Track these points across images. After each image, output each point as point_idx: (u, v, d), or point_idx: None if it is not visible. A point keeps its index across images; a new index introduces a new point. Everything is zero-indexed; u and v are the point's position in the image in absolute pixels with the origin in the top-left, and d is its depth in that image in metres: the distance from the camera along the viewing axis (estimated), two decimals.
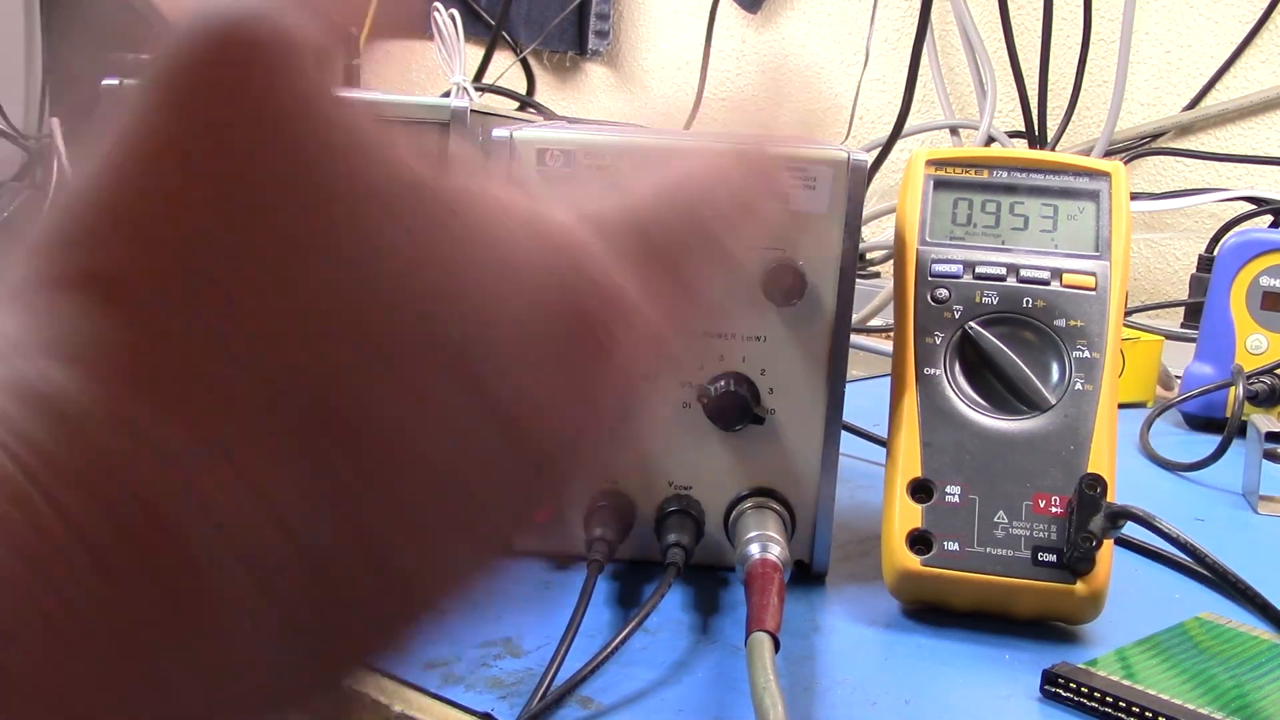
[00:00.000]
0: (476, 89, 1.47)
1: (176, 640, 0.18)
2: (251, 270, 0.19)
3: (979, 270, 0.51)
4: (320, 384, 0.19)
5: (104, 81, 0.52)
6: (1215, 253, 0.90)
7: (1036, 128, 1.38)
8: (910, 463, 0.49)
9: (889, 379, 0.51)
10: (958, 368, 0.50)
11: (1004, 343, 0.50)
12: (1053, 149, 1.36)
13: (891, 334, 0.53)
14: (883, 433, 0.53)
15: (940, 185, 0.53)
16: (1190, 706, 0.40)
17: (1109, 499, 0.46)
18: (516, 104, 1.63)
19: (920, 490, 0.48)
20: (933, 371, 0.50)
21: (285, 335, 0.19)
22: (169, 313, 0.19)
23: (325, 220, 0.20)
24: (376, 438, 0.19)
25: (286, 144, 0.20)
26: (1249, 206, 1.19)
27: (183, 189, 0.19)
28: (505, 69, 1.74)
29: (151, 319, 0.19)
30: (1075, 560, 0.46)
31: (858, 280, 0.52)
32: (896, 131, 1.23)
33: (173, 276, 0.19)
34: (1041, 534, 0.47)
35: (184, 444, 0.18)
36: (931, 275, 0.51)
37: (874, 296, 1.07)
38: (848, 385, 0.51)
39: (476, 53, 1.65)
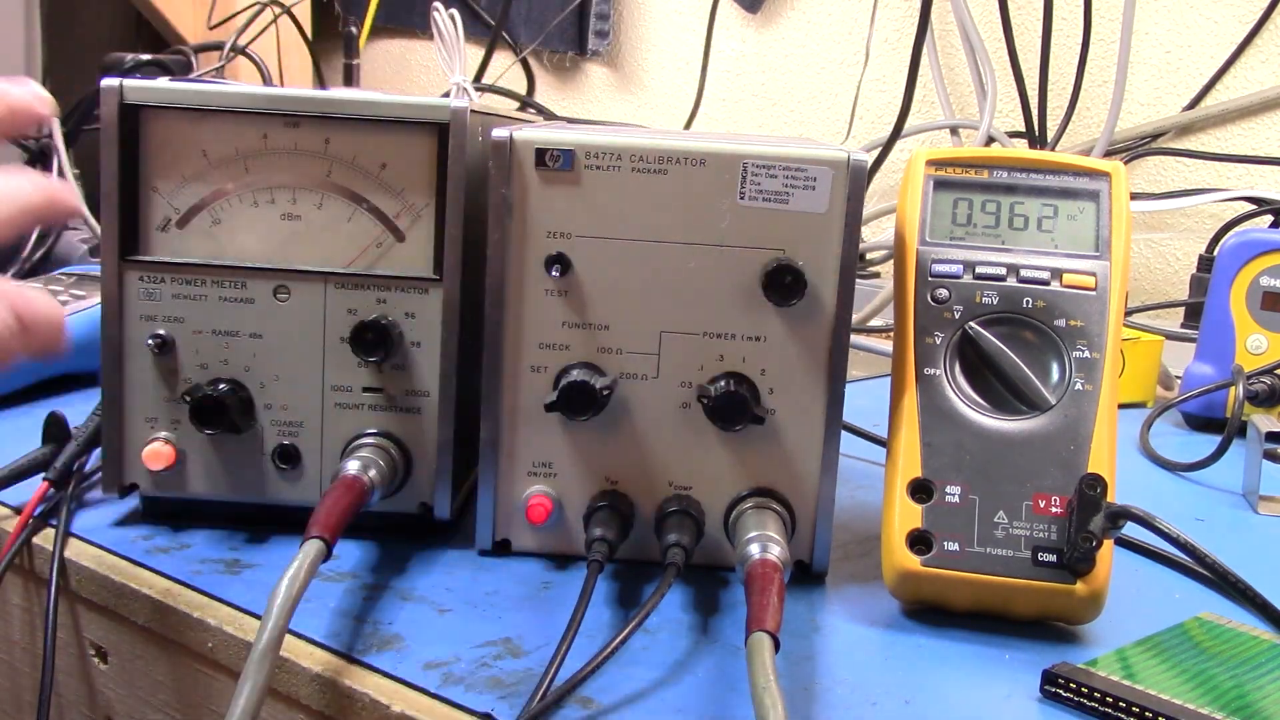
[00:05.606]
0: (476, 89, 1.47)
1: None
2: None
3: (979, 270, 0.51)
4: None
5: (104, 81, 0.52)
6: (1215, 253, 0.90)
7: (1036, 128, 1.38)
8: (910, 463, 0.49)
9: (889, 379, 0.51)
10: (958, 368, 0.50)
11: (1004, 343, 0.50)
12: (1053, 149, 1.36)
13: (891, 334, 0.53)
14: (883, 433, 0.53)
15: (940, 185, 0.53)
16: (1190, 706, 0.40)
17: (1109, 499, 0.46)
18: (516, 104, 1.63)
19: (920, 490, 0.48)
20: (933, 371, 0.50)
21: None
22: None
23: None
24: None
25: None
26: (1249, 206, 1.19)
27: None
28: (505, 69, 1.74)
29: None
30: (1075, 560, 0.46)
31: (858, 280, 0.52)
32: (896, 131, 1.23)
33: None
34: (1041, 534, 0.47)
35: None
36: (931, 275, 0.51)
37: (874, 296, 1.07)
38: (848, 385, 0.51)
39: (476, 53, 1.65)
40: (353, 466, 0.50)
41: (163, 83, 0.53)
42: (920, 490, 0.48)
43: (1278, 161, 1.29)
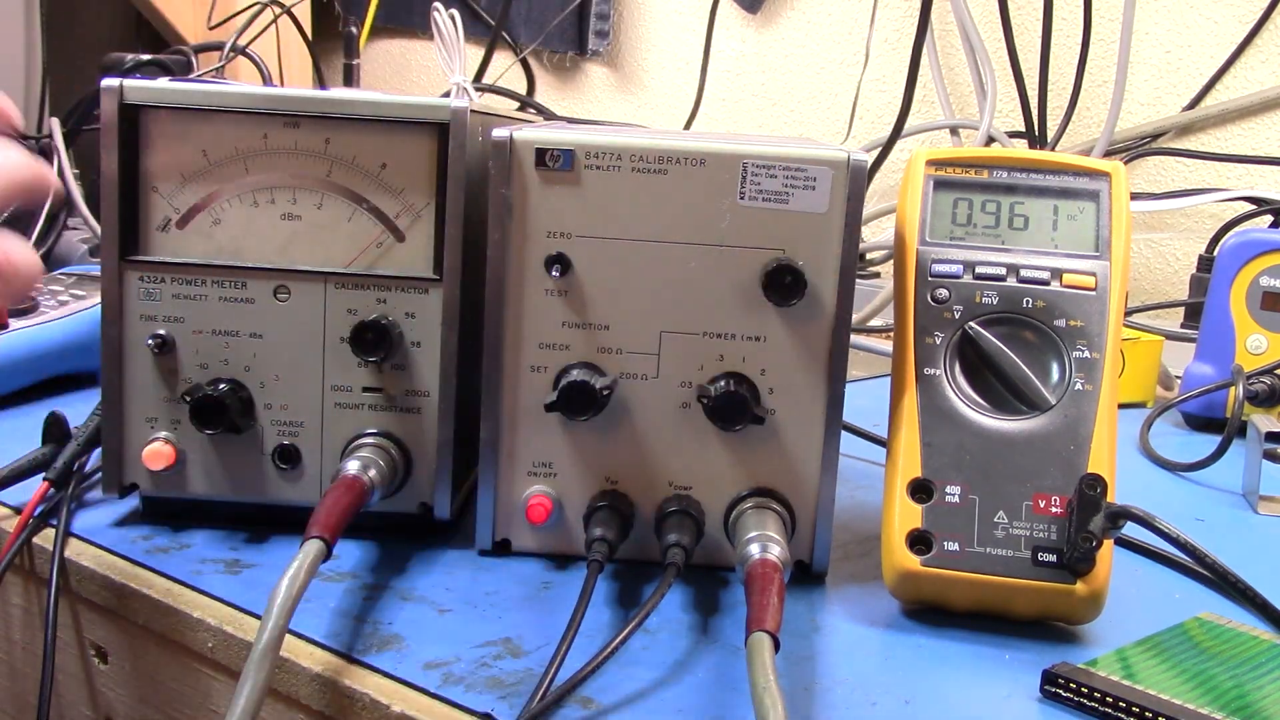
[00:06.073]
0: (476, 89, 1.47)
1: None
2: None
3: (979, 270, 0.51)
4: None
5: (104, 81, 0.52)
6: (1215, 253, 0.90)
7: (1036, 128, 1.38)
8: (910, 463, 0.49)
9: (889, 379, 0.51)
10: (958, 368, 0.50)
11: (1004, 343, 0.50)
12: (1053, 149, 1.36)
13: (891, 334, 0.53)
14: (883, 433, 0.53)
15: (940, 185, 0.53)
16: (1190, 706, 0.40)
17: (1109, 499, 0.46)
18: (516, 104, 1.63)
19: (920, 490, 0.48)
20: (933, 371, 0.50)
21: None
22: None
23: None
24: None
25: None
26: (1249, 206, 1.19)
27: None
28: (505, 69, 1.74)
29: None
30: (1075, 560, 0.46)
31: (858, 280, 0.52)
32: (896, 131, 1.23)
33: None
34: (1041, 534, 0.47)
35: None
36: (931, 275, 0.51)
37: (874, 296, 1.07)
38: (848, 385, 0.51)
39: (476, 53, 1.65)
40: (353, 466, 0.50)
41: (163, 83, 0.53)
42: (920, 490, 0.48)
43: (1278, 161, 1.29)
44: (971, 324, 0.50)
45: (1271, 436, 0.68)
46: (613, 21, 1.74)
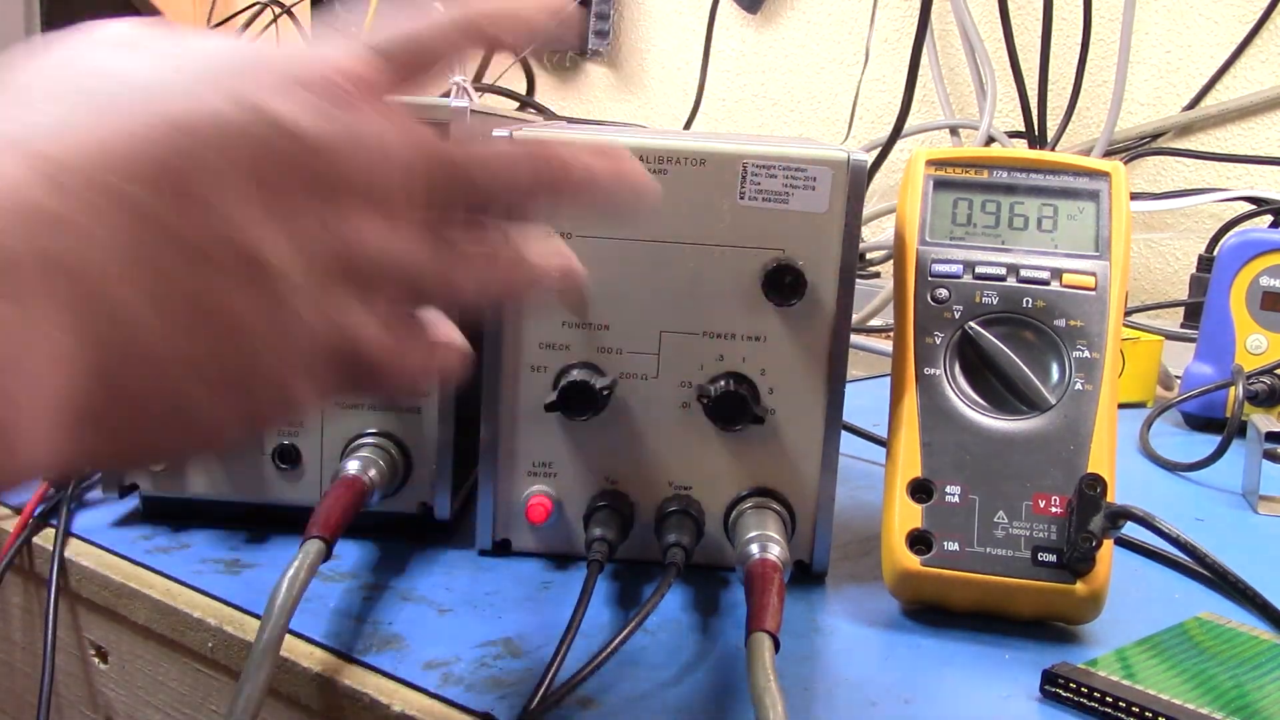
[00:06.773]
0: (476, 89, 1.47)
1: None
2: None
3: (979, 270, 0.51)
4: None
5: None
6: (1215, 253, 0.90)
7: (1036, 128, 1.38)
8: (910, 463, 0.49)
9: (889, 379, 0.51)
10: (958, 368, 0.50)
11: (1004, 343, 0.50)
12: (1053, 149, 1.36)
13: (891, 334, 0.53)
14: (883, 433, 0.53)
15: (940, 185, 0.53)
16: (1190, 706, 0.40)
17: (1109, 499, 0.46)
18: (516, 104, 1.63)
19: (920, 490, 0.48)
20: (933, 371, 0.50)
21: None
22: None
23: None
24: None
25: None
26: (1249, 206, 1.19)
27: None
28: (505, 69, 1.73)
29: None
30: (1075, 560, 0.46)
31: (858, 280, 0.52)
32: (896, 131, 1.23)
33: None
34: (1041, 534, 0.47)
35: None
36: (931, 275, 0.51)
37: (874, 296, 1.07)
38: (848, 385, 0.51)
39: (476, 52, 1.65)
40: (353, 466, 0.50)
41: None
42: (920, 490, 0.48)
43: (1278, 161, 1.28)
44: (971, 324, 0.50)
45: (1271, 436, 0.68)
46: (613, 21, 1.74)
